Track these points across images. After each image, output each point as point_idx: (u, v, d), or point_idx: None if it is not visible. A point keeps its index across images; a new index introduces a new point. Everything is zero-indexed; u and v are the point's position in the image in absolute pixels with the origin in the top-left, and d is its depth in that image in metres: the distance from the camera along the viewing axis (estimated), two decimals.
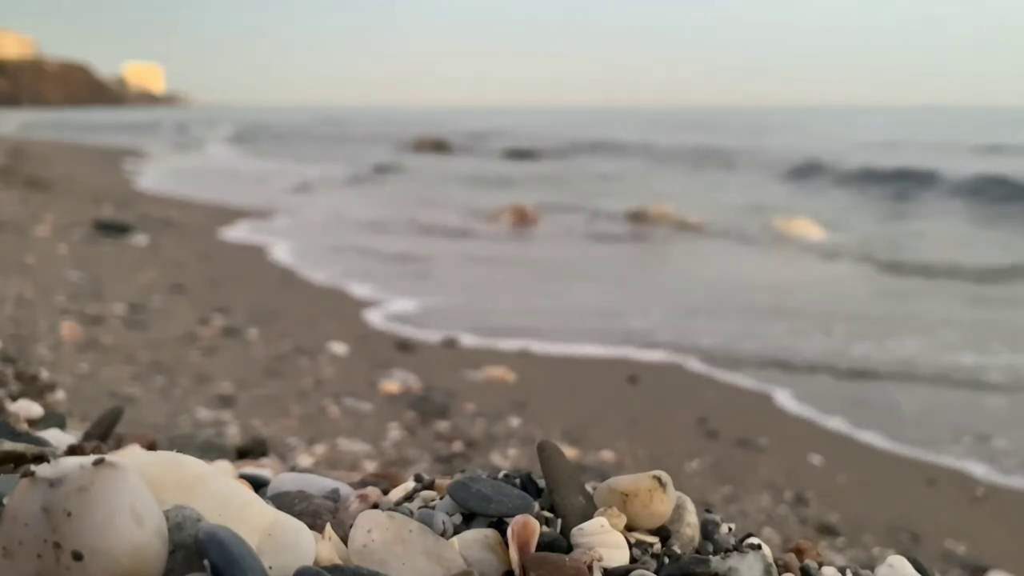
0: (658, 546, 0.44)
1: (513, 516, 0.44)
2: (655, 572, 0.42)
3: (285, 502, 0.51)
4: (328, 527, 0.44)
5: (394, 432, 2.39)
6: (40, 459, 0.52)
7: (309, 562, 0.40)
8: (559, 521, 0.45)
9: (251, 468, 0.65)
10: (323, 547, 0.42)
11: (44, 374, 1.07)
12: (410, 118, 44.65)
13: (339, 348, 3.27)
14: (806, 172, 13.96)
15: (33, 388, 1.06)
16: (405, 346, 3.47)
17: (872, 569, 0.43)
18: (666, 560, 0.43)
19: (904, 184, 11.89)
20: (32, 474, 0.36)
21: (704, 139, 22.01)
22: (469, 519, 0.46)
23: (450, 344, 3.66)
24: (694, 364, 3.92)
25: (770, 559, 0.42)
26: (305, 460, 2.11)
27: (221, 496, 0.43)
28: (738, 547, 0.43)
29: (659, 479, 0.44)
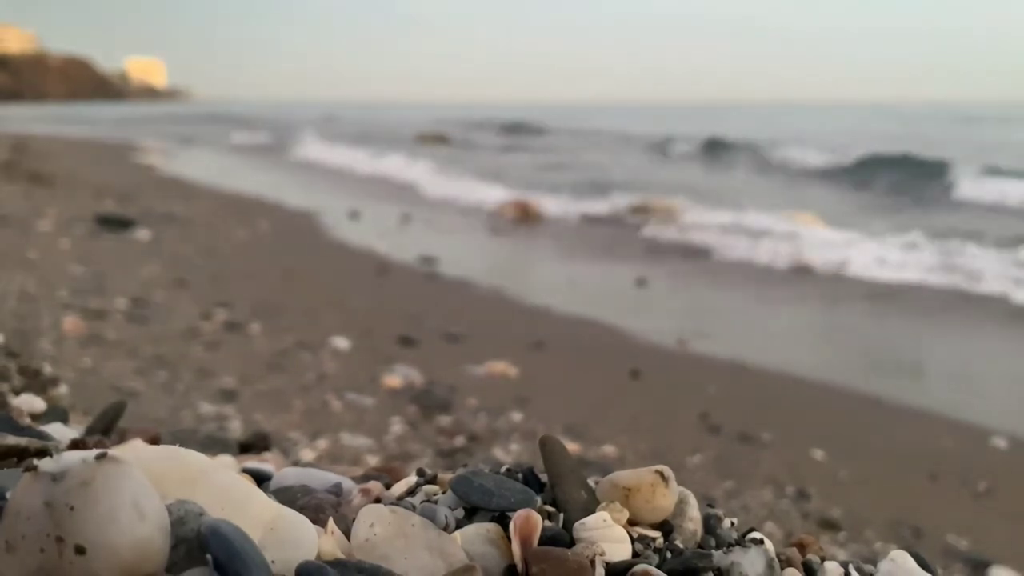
0: (660, 540, 0.44)
1: (515, 511, 0.44)
2: (657, 567, 0.42)
3: (288, 496, 0.51)
4: (331, 521, 0.44)
5: (396, 427, 2.40)
6: (43, 453, 0.52)
7: (312, 556, 0.40)
8: (561, 516, 0.45)
9: (253, 462, 0.65)
10: (326, 541, 0.42)
11: (47, 369, 1.07)
12: (413, 113, 44.94)
13: (341, 343, 3.28)
14: None
15: (36, 383, 1.06)
16: (407, 340, 3.48)
17: (874, 564, 0.43)
18: (668, 555, 0.43)
19: None
20: (35, 468, 0.36)
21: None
22: (471, 513, 0.46)
23: (452, 339, 3.66)
24: (696, 360, 3.91)
25: (772, 554, 0.42)
26: (307, 455, 2.12)
27: (223, 490, 0.43)
28: (740, 542, 0.43)
29: (661, 474, 0.44)
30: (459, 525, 0.45)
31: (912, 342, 4.64)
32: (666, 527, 0.44)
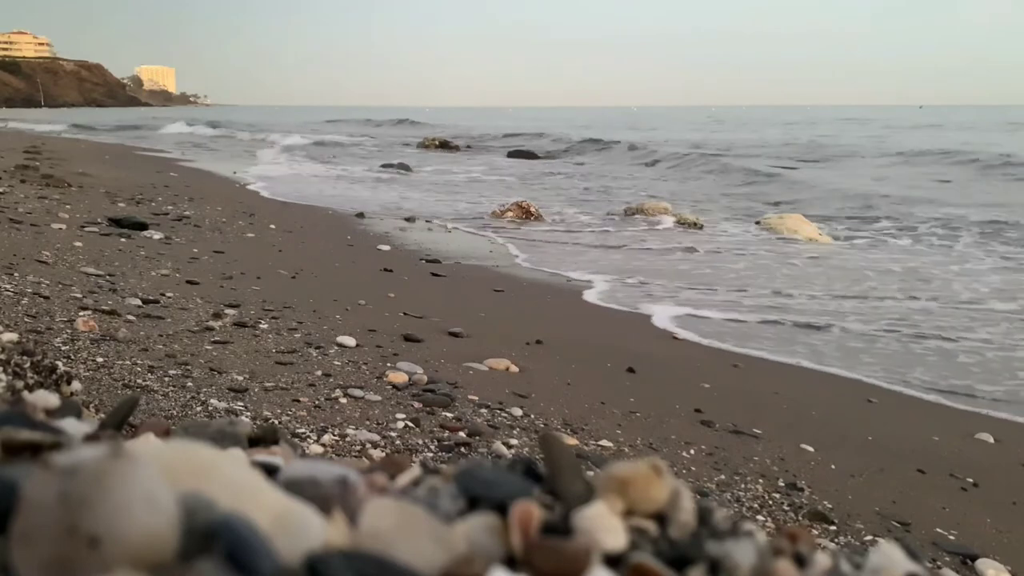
0: (655, 531, 0.45)
1: (515, 501, 0.45)
2: (652, 556, 0.43)
3: (296, 488, 0.52)
4: (337, 512, 0.45)
5: (400, 422, 2.41)
6: (57, 448, 0.53)
7: (318, 546, 0.41)
8: (559, 507, 0.46)
9: (263, 455, 0.66)
10: (332, 532, 0.43)
11: (61, 366, 1.10)
12: (416, 117, 46.15)
13: (347, 340, 3.30)
14: None
15: (50, 379, 1.09)
16: (411, 337, 3.49)
17: (864, 555, 0.44)
18: (663, 545, 0.44)
19: None
20: (49, 463, 0.37)
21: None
22: (473, 505, 0.47)
23: (455, 335, 3.67)
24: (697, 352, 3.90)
25: (764, 545, 0.43)
26: (315, 448, 2.14)
27: (233, 483, 0.44)
28: (732, 533, 0.43)
29: (656, 466, 0.45)
30: (461, 516, 0.46)
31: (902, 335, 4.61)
32: (660, 518, 0.45)
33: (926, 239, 8.31)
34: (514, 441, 2.36)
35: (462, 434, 2.36)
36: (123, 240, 5.20)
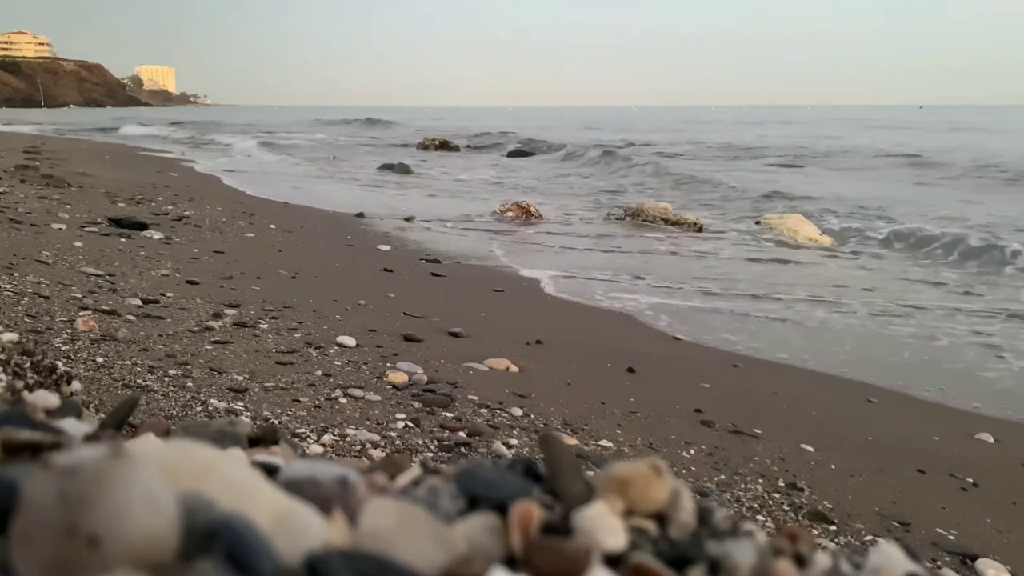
0: (655, 531, 0.45)
1: (515, 501, 0.45)
2: (652, 556, 0.43)
3: (296, 488, 0.52)
4: (337, 512, 0.45)
5: (400, 422, 2.41)
6: (57, 448, 0.53)
7: (318, 546, 0.41)
8: (559, 507, 0.46)
9: (263, 455, 0.66)
10: (333, 532, 0.43)
11: (61, 366, 1.10)
12: (414, 118, 46.67)
13: (347, 340, 3.30)
14: None
15: (50, 379, 1.09)
16: (411, 337, 3.50)
17: (864, 555, 0.44)
18: (663, 545, 0.44)
19: None
20: (49, 463, 0.37)
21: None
22: (473, 505, 0.47)
23: (455, 335, 3.67)
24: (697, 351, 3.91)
25: (764, 545, 0.43)
26: (315, 448, 2.14)
27: (233, 482, 0.44)
28: (732, 533, 0.43)
29: (656, 466, 0.45)
30: (461, 516, 0.46)
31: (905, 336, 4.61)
32: (660, 518, 0.45)
33: (928, 240, 8.31)
34: (514, 441, 2.36)
35: (462, 434, 2.36)
36: (123, 240, 5.20)
